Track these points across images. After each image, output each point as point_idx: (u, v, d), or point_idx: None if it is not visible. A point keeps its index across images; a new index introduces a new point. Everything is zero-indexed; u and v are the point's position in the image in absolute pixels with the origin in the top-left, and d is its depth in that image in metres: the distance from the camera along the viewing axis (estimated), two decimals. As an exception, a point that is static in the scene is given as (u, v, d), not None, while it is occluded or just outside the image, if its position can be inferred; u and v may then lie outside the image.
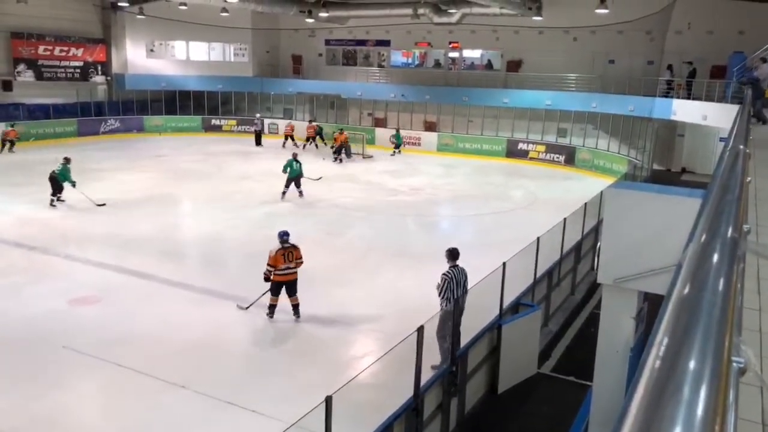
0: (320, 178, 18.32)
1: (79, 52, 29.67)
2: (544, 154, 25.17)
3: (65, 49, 29.05)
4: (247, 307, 9.09)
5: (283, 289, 8.80)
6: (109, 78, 31.25)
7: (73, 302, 9.41)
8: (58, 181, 15.45)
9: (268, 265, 8.66)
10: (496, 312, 7.93)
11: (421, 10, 25.26)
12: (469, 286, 7.30)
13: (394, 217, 15.63)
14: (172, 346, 8.12)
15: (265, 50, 33.68)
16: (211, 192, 17.93)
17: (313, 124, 27.81)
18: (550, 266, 9.92)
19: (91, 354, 7.74)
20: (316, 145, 26.82)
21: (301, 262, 8.89)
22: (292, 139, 26.99)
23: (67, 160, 15.87)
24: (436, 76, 29.32)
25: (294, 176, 16.70)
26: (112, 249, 12.09)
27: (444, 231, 15.67)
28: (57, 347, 7.92)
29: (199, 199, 17.36)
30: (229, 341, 8.48)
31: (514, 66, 27.37)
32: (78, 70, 29.83)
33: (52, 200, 15.44)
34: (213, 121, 31.72)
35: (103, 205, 15.68)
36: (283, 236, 8.86)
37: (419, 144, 27.88)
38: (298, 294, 8.89)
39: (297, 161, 16.85)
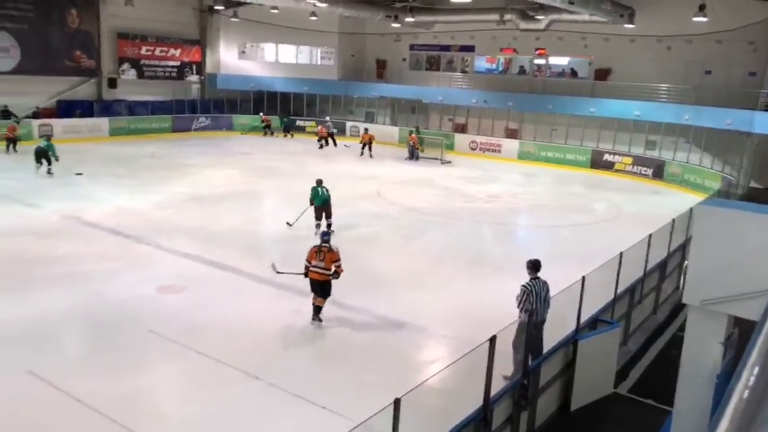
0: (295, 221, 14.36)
1: (177, 52, 31.34)
2: (631, 166, 24.20)
3: (165, 49, 30.77)
4: (278, 272, 9.60)
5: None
6: (202, 77, 32.83)
7: (161, 290, 9.94)
8: (47, 155, 18.25)
9: (306, 259, 9.03)
10: (573, 327, 7.71)
11: (507, 16, 24.94)
12: (550, 299, 7.17)
13: (471, 224, 15.49)
14: (248, 337, 8.42)
15: (350, 54, 34.28)
16: (291, 190, 18.40)
17: (327, 123, 28.20)
18: (632, 283, 9.54)
19: (174, 340, 8.15)
20: (324, 144, 27.40)
21: (338, 267, 8.89)
22: (332, 141, 27.76)
23: (48, 138, 19.50)
24: (520, 83, 28.83)
25: (321, 204, 13.77)
26: (198, 241, 12.67)
27: (521, 240, 15.39)
28: (144, 331, 8.39)
29: (280, 197, 17.88)
30: (302, 336, 8.69)
31: (602, 74, 26.50)
32: (175, 70, 31.51)
33: (44, 168, 18.28)
34: (297, 122, 32.59)
35: (81, 174, 18.50)
36: (323, 237, 9.31)
37: (499, 151, 27.51)
38: (359, 299, 9.00)
39: (323, 187, 13.84)
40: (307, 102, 33.48)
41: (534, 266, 7.26)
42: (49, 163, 18.37)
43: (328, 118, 30.61)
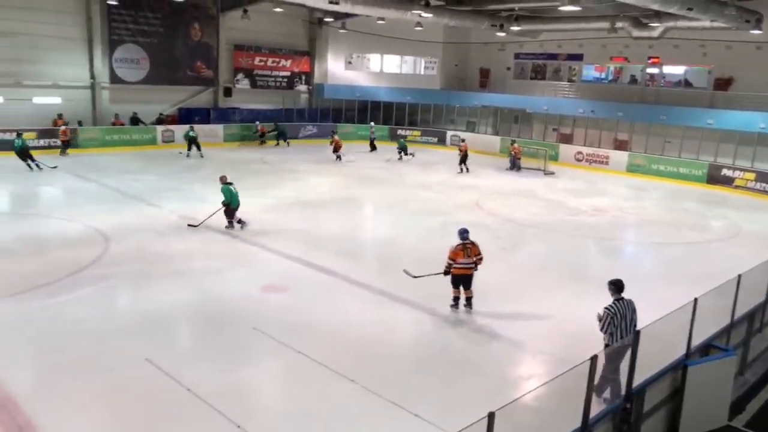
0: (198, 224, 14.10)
1: (288, 63, 32.78)
2: (754, 182, 22.42)
3: (276, 60, 32.30)
4: (415, 276, 10.00)
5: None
6: (310, 87, 34.08)
7: (265, 288, 10.41)
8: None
9: (449, 258, 9.39)
10: (682, 351, 7.26)
11: (619, 24, 23.95)
12: (637, 321, 6.80)
13: (573, 238, 14.99)
14: (345, 339, 8.63)
15: (453, 63, 34.32)
16: (391, 198, 18.71)
17: (336, 137, 26.65)
18: (752, 308, 8.85)
19: (275, 338, 8.50)
20: (339, 157, 25.70)
21: (481, 259, 9.58)
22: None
23: (18, 134, 20.78)
24: (631, 93, 27.57)
25: (237, 205, 13.97)
26: (301, 244, 13.15)
27: (627, 257, 14.68)
28: (248, 327, 8.82)
29: (380, 204, 18.19)
30: (399, 342, 8.77)
31: (722, 84, 24.78)
32: (285, 80, 32.96)
33: (34, 164, 20.01)
34: (398, 131, 32.99)
35: (55, 167, 20.13)
36: (464, 233, 9.60)
37: (606, 163, 26.42)
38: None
39: (229, 184, 13.97)
40: (410, 111, 33.83)
41: (617, 287, 6.91)
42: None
43: (372, 124, 30.69)
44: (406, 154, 26.84)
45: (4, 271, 10.68)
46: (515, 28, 26.24)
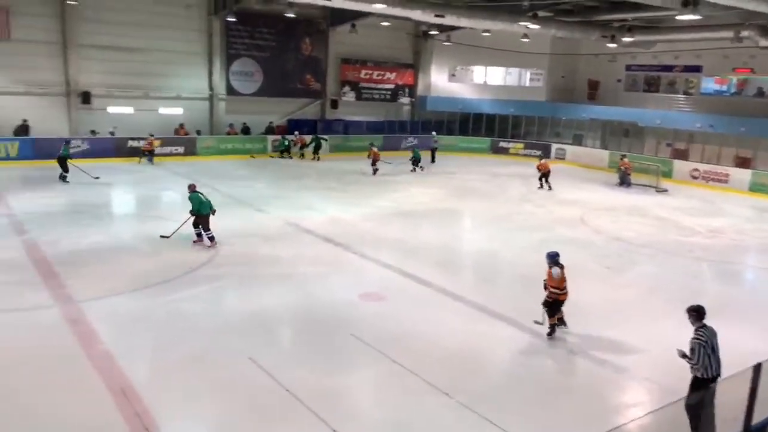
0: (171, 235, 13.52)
1: (392, 75, 33.37)
2: None
3: (381, 73, 32.98)
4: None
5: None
6: (413, 99, 34.47)
7: (363, 296, 10.62)
8: (65, 160, 19.76)
9: (554, 287, 8.96)
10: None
11: (745, 33, 22.29)
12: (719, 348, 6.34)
13: (687, 260, 14.09)
14: (441, 352, 8.62)
15: (560, 75, 33.45)
16: (491, 211, 18.48)
17: (373, 149, 25.03)
18: None
19: (371, 345, 8.65)
20: (376, 170, 24.16)
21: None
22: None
23: (67, 142, 20.99)
24: (757, 106, 25.60)
25: (208, 212, 13.10)
26: (399, 253, 13.30)
27: (748, 283, 13.60)
28: (346, 334, 9.03)
29: (480, 217, 18.02)
30: (495, 358, 8.64)
31: None
32: (389, 92, 33.56)
33: (65, 177, 19.61)
34: (501, 144, 32.57)
35: (98, 178, 19.62)
36: (556, 257, 9.12)
37: (726, 181, 24.61)
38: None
39: (198, 192, 13.31)
40: (513, 124, 33.31)
41: (698, 313, 6.47)
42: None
43: (434, 133, 30.07)
44: (417, 165, 25.62)
45: (129, 268, 11.62)
46: (628, 39, 25.19)
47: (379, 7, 21.04)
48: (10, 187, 18.56)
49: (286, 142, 28.07)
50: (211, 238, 13.14)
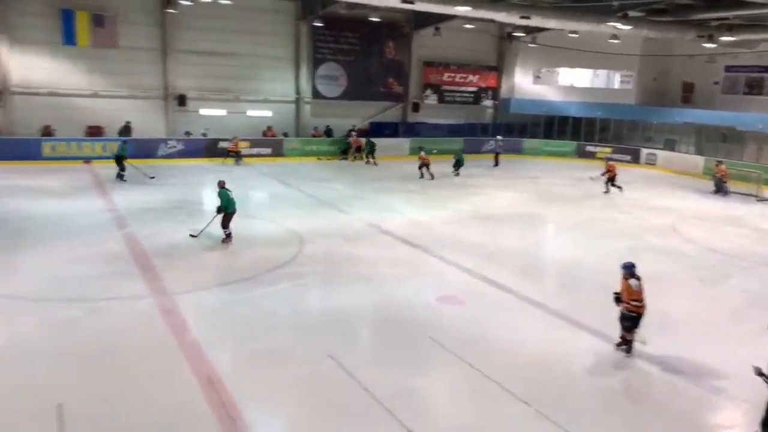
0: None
1: (475, 78, 33.14)
2: None
3: (464, 75, 32.83)
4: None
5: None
6: (496, 102, 34.07)
7: (441, 299, 10.62)
8: (122, 160, 20.41)
9: (634, 300, 8.50)
10: None
11: None
12: None
13: (790, 275, 13.14)
14: (520, 359, 8.48)
15: (651, 77, 32.04)
16: (576, 217, 17.96)
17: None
18: None
19: (449, 349, 8.63)
20: (423, 174, 23.34)
21: None
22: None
23: (124, 142, 21.66)
24: None
25: (233, 210, 13.39)
26: (478, 257, 13.19)
27: None
28: (423, 336, 9.06)
29: (564, 223, 17.55)
30: (576, 369, 8.39)
31: None
32: (471, 95, 33.35)
33: (122, 176, 20.31)
34: (587, 148, 31.58)
35: (153, 177, 20.18)
36: (632, 268, 8.70)
37: (839, 191, 22.71)
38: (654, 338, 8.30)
39: (227, 189, 13.49)
40: (601, 127, 32.20)
41: None
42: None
43: (499, 137, 29.10)
44: (458, 169, 24.37)
45: (218, 264, 12.19)
46: (727, 39, 23.74)
47: (463, 10, 20.96)
48: (115, 183, 19.89)
49: (346, 145, 28.35)
50: (228, 235, 13.29)
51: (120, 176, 20.50)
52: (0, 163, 21.16)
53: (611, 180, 21.76)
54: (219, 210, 13.27)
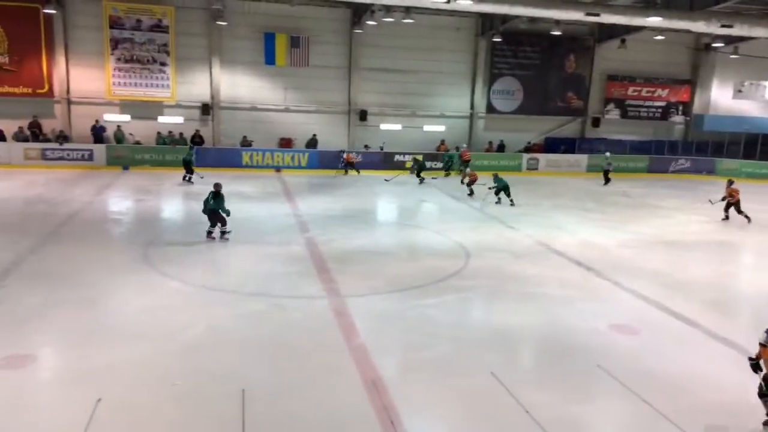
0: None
1: (664, 92, 30.83)
2: None
3: (651, 90, 30.69)
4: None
5: None
6: (688, 118, 31.31)
7: (613, 327, 10.00)
8: (190, 164, 22.40)
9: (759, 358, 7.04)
10: None
11: None
12: None
13: None
14: (699, 399, 7.68)
15: None
16: (779, 248, 15.89)
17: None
18: None
19: (619, 380, 8.09)
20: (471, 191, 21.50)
21: None
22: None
23: (191, 147, 24.40)
24: None
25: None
26: (659, 286, 12.22)
27: None
28: (591, 364, 8.60)
29: (765, 253, 15.60)
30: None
31: None
32: (659, 110, 31.05)
33: (188, 177, 22.33)
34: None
35: (202, 177, 21.49)
36: None
37: None
38: None
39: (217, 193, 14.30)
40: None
41: None
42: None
43: (608, 154, 26.06)
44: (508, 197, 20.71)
45: (387, 271, 12.68)
46: None
47: (654, 21, 19.68)
48: (300, 191, 21.64)
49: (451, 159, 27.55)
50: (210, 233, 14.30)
51: (186, 178, 22.49)
52: (209, 169, 24.06)
53: (735, 206, 18.69)
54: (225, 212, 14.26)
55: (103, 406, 6.82)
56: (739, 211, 18.66)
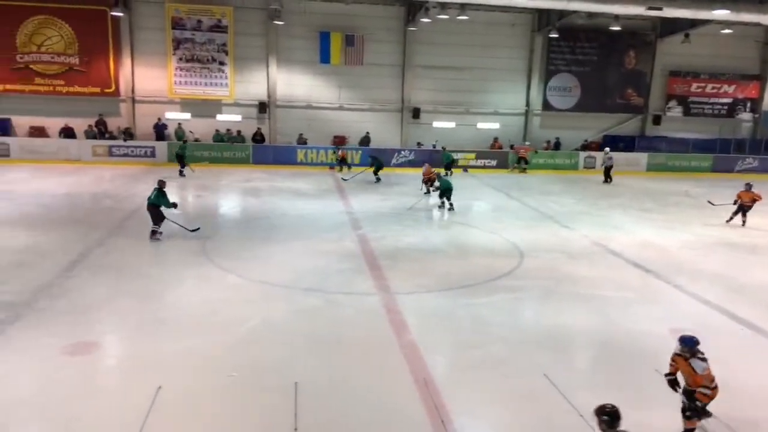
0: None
1: (731, 89, 29.55)
2: None
3: (717, 86, 29.47)
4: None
5: None
6: (757, 115, 29.92)
7: (673, 331, 9.61)
8: (182, 158, 22.90)
9: (705, 386, 6.69)
10: None
11: None
12: None
13: None
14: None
15: None
16: None
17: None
18: None
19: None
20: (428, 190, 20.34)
21: None
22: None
23: (185, 141, 24.47)
24: None
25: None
26: (722, 289, 11.76)
27: None
28: (649, 368, 8.33)
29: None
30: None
31: None
32: (725, 107, 29.80)
33: (182, 172, 22.75)
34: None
35: (194, 171, 22.50)
36: (694, 345, 6.75)
37: None
38: None
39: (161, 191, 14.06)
40: None
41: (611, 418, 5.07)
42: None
43: (607, 149, 25.32)
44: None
45: (437, 269, 12.66)
46: None
47: (721, 14, 18.87)
48: (353, 188, 21.83)
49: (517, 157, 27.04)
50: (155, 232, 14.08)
51: (180, 173, 22.87)
52: (265, 167, 24.56)
53: (742, 211, 17.48)
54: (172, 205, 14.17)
55: (163, 393, 7.10)
56: (744, 215, 17.65)
